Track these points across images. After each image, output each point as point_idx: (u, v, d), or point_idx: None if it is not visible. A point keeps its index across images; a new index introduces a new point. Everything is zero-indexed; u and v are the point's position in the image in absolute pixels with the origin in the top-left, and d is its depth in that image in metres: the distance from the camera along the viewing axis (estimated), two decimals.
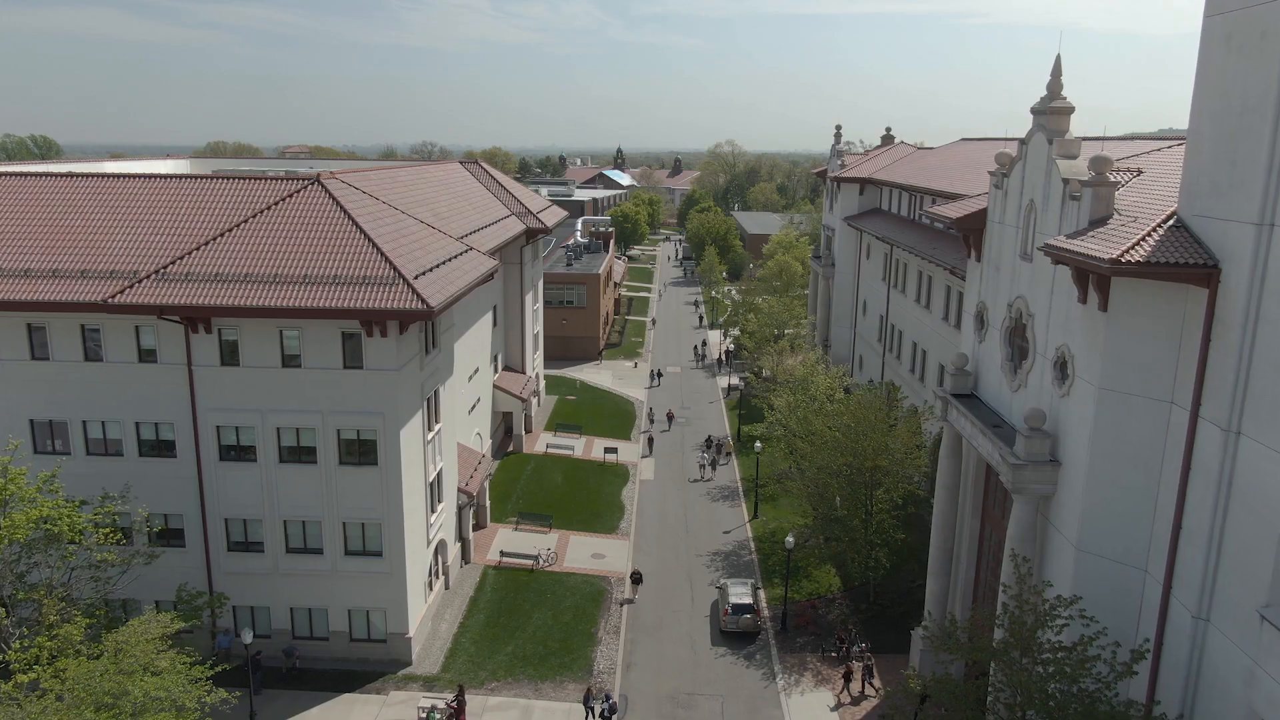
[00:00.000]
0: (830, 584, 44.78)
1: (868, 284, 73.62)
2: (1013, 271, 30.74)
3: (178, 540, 37.08)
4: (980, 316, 33.92)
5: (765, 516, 53.39)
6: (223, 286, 33.50)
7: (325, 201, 36.57)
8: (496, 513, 52.27)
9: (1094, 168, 25.17)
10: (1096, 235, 24.08)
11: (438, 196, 52.58)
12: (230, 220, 36.47)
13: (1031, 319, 29.06)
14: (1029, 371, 29.16)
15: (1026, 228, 29.62)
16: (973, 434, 31.15)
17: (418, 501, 38.07)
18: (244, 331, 34.68)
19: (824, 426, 44.41)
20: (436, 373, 40.17)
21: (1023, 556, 25.67)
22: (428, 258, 37.40)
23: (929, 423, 45.71)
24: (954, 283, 50.21)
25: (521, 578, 45.44)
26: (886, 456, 39.88)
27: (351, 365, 34.89)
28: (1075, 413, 25.80)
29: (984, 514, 34.18)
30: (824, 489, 42.09)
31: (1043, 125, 28.39)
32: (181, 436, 35.99)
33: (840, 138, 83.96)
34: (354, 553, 36.84)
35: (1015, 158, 30.65)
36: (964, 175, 57.65)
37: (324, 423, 35.36)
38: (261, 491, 36.19)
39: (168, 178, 39.16)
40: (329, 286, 33.33)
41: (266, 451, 35.78)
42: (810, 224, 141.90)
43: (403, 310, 32.55)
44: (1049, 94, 28.32)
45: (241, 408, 35.42)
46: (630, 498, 56.50)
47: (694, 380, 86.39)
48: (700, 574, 46.90)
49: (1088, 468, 24.97)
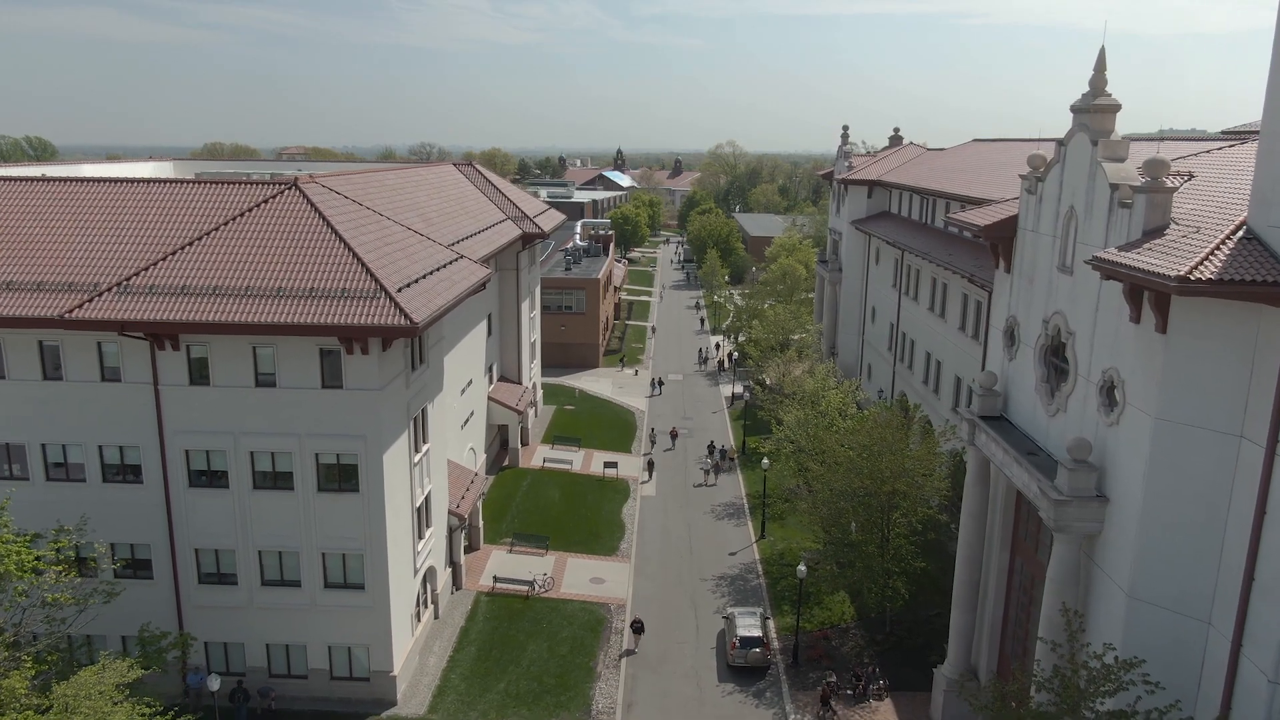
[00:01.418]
0: (844, 612, 42.16)
1: (877, 290, 71.06)
2: (1049, 284, 28.15)
3: (145, 572, 34.49)
4: (1010, 332, 31.33)
5: (773, 537, 50.79)
6: (189, 300, 30.91)
7: (302, 208, 33.98)
8: (490, 533, 49.67)
9: (1148, 171, 22.59)
10: (1154, 248, 21.49)
11: (428, 201, 50.00)
12: (200, 228, 33.89)
13: (1072, 337, 26.46)
14: (1069, 395, 26.56)
15: (1065, 237, 27.03)
16: (1005, 462, 28.55)
17: (403, 529, 35.48)
18: (214, 348, 32.09)
19: (836, 445, 41.86)
20: (424, 389, 37.58)
21: (1074, 610, 23.05)
22: (414, 268, 34.82)
23: (948, 441, 43.11)
24: (972, 291, 47.63)
25: (516, 605, 42.82)
26: (905, 480, 37.27)
27: (330, 384, 32.30)
28: (1126, 444, 23.22)
29: (1014, 545, 31.60)
30: (838, 513, 39.47)
31: (1085, 125, 25.80)
32: (148, 460, 33.39)
33: (847, 139, 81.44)
34: (334, 585, 34.23)
35: (1052, 160, 28.06)
36: (980, 178, 55.11)
37: (301, 446, 32.77)
38: (234, 520, 33.60)
39: (135, 182, 36.57)
40: (304, 300, 30.75)
41: (239, 477, 33.20)
42: (814, 226, 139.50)
43: (384, 327, 29.96)
44: (1092, 90, 25.73)
45: (212, 430, 32.83)
46: (631, 515, 53.91)
47: (696, 388, 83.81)
48: (705, 600, 44.29)
49: (1142, 506, 22.39)
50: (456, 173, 63.03)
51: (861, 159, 79.94)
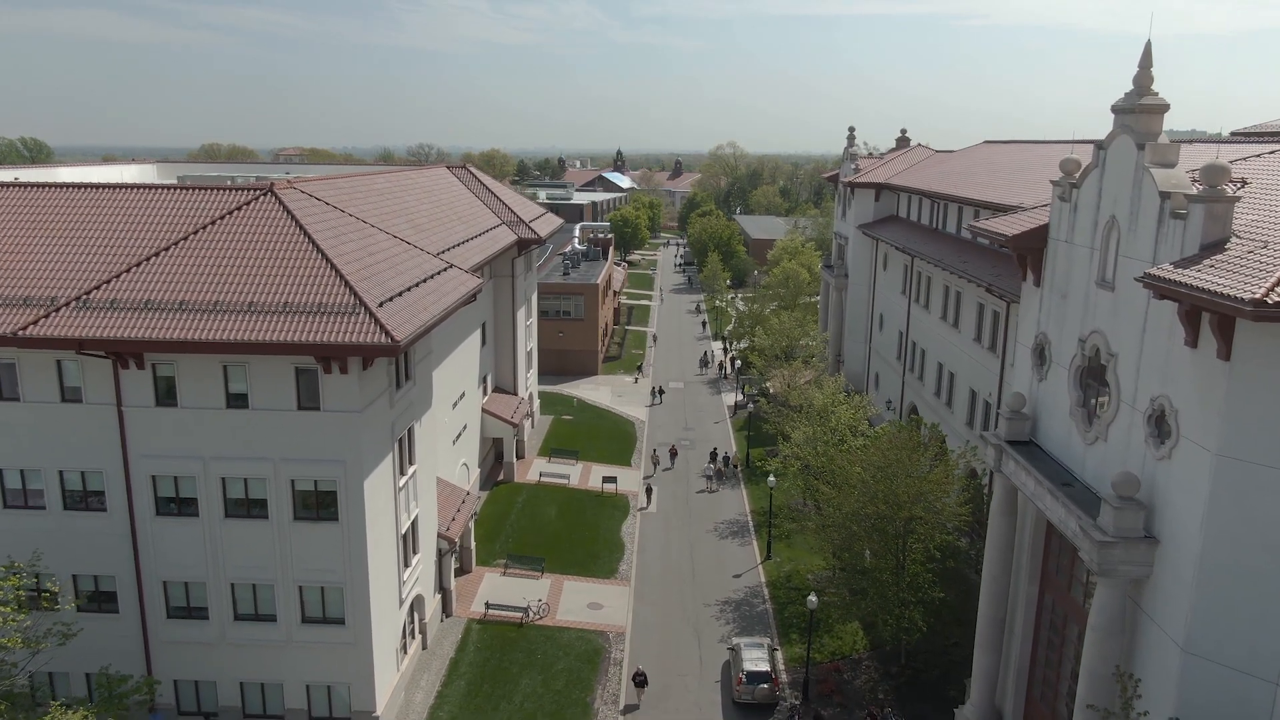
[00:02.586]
0: (856, 641, 39.84)
1: (885, 297, 68.73)
2: (1086, 301, 25.84)
3: (110, 605, 32.23)
4: (1040, 351, 29.02)
5: (779, 557, 48.46)
6: (153, 316, 28.58)
7: (278, 215, 31.66)
8: (483, 554, 47.34)
9: (1205, 179, 20.30)
10: (1217, 264, 19.19)
11: (418, 206, 47.70)
12: (168, 237, 31.62)
13: (1113, 359, 24.15)
14: (1110, 423, 24.25)
15: (1105, 249, 24.73)
16: (1037, 494, 26.24)
17: (387, 559, 33.17)
18: (181, 367, 29.78)
19: (848, 464, 39.56)
20: (411, 408, 35.28)
21: (1130, 674, 20.74)
22: (398, 279, 32.52)
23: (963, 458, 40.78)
24: (989, 301, 45.34)
25: (509, 634, 40.50)
26: (922, 504, 34.95)
27: (307, 406, 29.99)
28: (1180, 481, 20.91)
29: (1044, 580, 29.29)
30: (850, 537, 37.13)
31: (1129, 126, 23.50)
32: (112, 487, 31.10)
33: (853, 140, 79.10)
34: (312, 620, 31.92)
35: (1089, 165, 25.75)
36: (996, 181, 52.83)
37: (276, 472, 30.47)
38: (205, 550, 31.28)
39: (100, 188, 34.26)
40: (277, 316, 28.44)
41: (210, 504, 30.89)
42: (816, 229, 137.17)
43: (363, 345, 27.65)
44: (1137, 89, 23.43)
45: (180, 454, 30.52)
46: (630, 534, 51.59)
47: (698, 397, 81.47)
48: (709, 628, 41.97)
49: (1200, 552, 20.09)
50: (450, 176, 60.72)
51: (868, 161, 77.64)
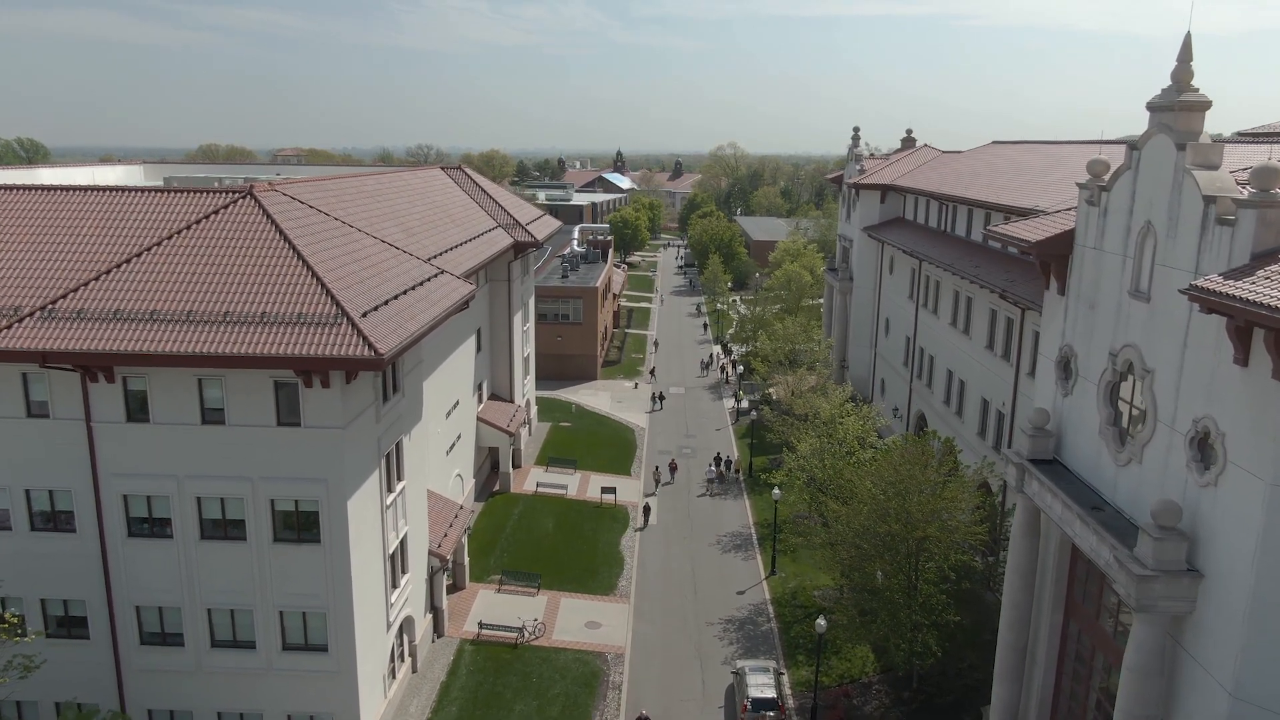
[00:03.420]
0: (865, 663, 38.13)
1: (891, 301, 67.06)
2: (1117, 311, 24.14)
3: (80, 631, 30.54)
4: (1065, 364, 27.31)
5: (784, 573, 46.75)
6: (122, 326, 26.89)
7: (257, 219, 29.96)
8: (477, 570, 45.63)
9: (1257, 181, 18.60)
10: (1273, 276, 17.50)
11: (410, 208, 46.01)
12: (140, 242, 29.94)
13: (1149, 376, 22.45)
14: (1145, 444, 22.54)
15: (1140, 257, 23.04)
16: (1065, 518, 24.53)
17: (373, 581, 31.47)
18: (154, 381, 28.07)
19: (857, 477, 37.86)
20: (399, 421, 33.58)
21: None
22: (385, 287, 30.83)
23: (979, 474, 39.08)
24: (1003, 308, 43.66)
25: (503, 655, 38.80)
26: (937, 524, 33.23)
27: (287, 421, 28.30)
28: (1229, 511, 19.22)
29: (1068, 608, 27.59)
30: (860, 556, 35.40)
31: (1167, 125, 21.80)
32: (81, 507, 29.39)
33: (858, 141, 77.44)
34: (294, 647, 30.21)
35: (1121, 166, 24.05)
36: (1009, 183, 51.14)
37: (254, 491, 28.77)
38: (180, 573, 29.59)
39: (71, 190, 32.58)
40: (254, 327, 26.74)
41: (185, 525, 29.19)
42: (818, 230, 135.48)
43: (344, 359, 25.95)
44: (1175, 85, 21.74)
45: (153, 473, 28.81)
46: (630, 548, 49.88)
47: (699, 403, 79.75)
48: (712, 648, 40.26)
49: (1252, 589, 18.40)
50: (444, 177, 59.04)
51: (873, 162, 75.95)
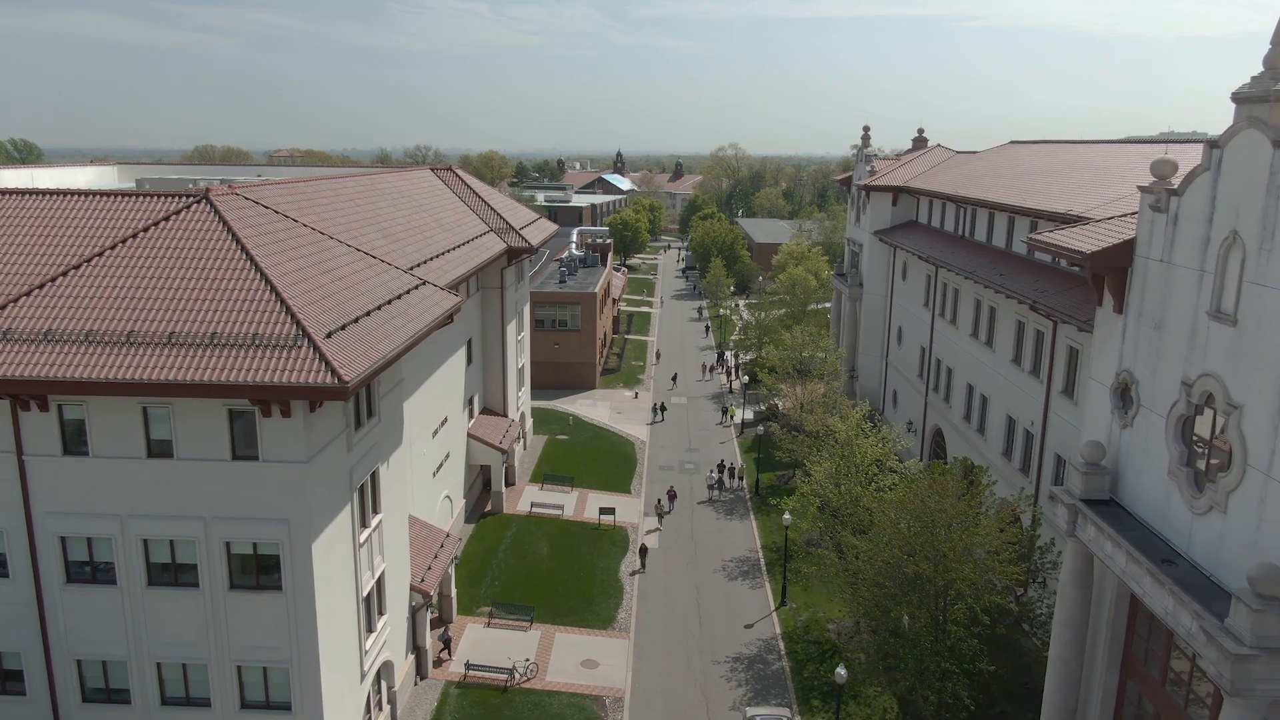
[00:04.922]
0: (888, 712, 34.91)
1: (904, 308, 63.85)
2: (1193, 335, 20.94)
3: (15, 685, 27.44)
4: (1124, 392, 24.11)
5: (795, 603, 43.53)
6: (55, 349, 23.71)
7: (211, 226, 26.74)
8: (465, 601, 42.39)
9: None
10: None
11: (393, 212, 42.81)
12: (79, 253, 26.75)
13: (1235, 412, 19.25)
14: (1231, 491, 19.35)
15: (1223, 272, 19.84)
16: (1131, 573, 21.32)
17: (343, 629, 28.25)
18: (92, 409, 24.89)
19: (877, 506, 34.68)
20: (374, 448, 30.38)
21: None
22: (356, 302, 27.64)
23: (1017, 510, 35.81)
24: (1032, 319, 40.47)
25: (492, 700, 35.59)
26: (971, 564, 30.01)
27: (243, 455, 25.12)
28: None
29: (1125, 666, 24.39)
30: (883, 597, 32.15)
31: (1259, 119, 18.60)
32: (14, 549, 26.24)
33: (868, 141, 74.24)
34: (254, 705, 27.00)
35: (1197, 168, 20.85)
36: (1031, 185, 47.97)
37: (207, 532, 25.58)
38: (124, 624, 26.40)
39: (5, 194, 29.37)
40: (203, 350, 23.56)
41: (130, 570, 26.00)
42: (823, 232, 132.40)
43: (302, 387, 22.76)
44: (1270, 71, 18.56)
45: (94, 511, 25.63)
46: (629, 575, 46.65)
47: (702, 413, 76.55)
48: (718, 690, 37.04)
49: None
50: (433, 179, 55.81)
51: (885, 163, 72.76)
